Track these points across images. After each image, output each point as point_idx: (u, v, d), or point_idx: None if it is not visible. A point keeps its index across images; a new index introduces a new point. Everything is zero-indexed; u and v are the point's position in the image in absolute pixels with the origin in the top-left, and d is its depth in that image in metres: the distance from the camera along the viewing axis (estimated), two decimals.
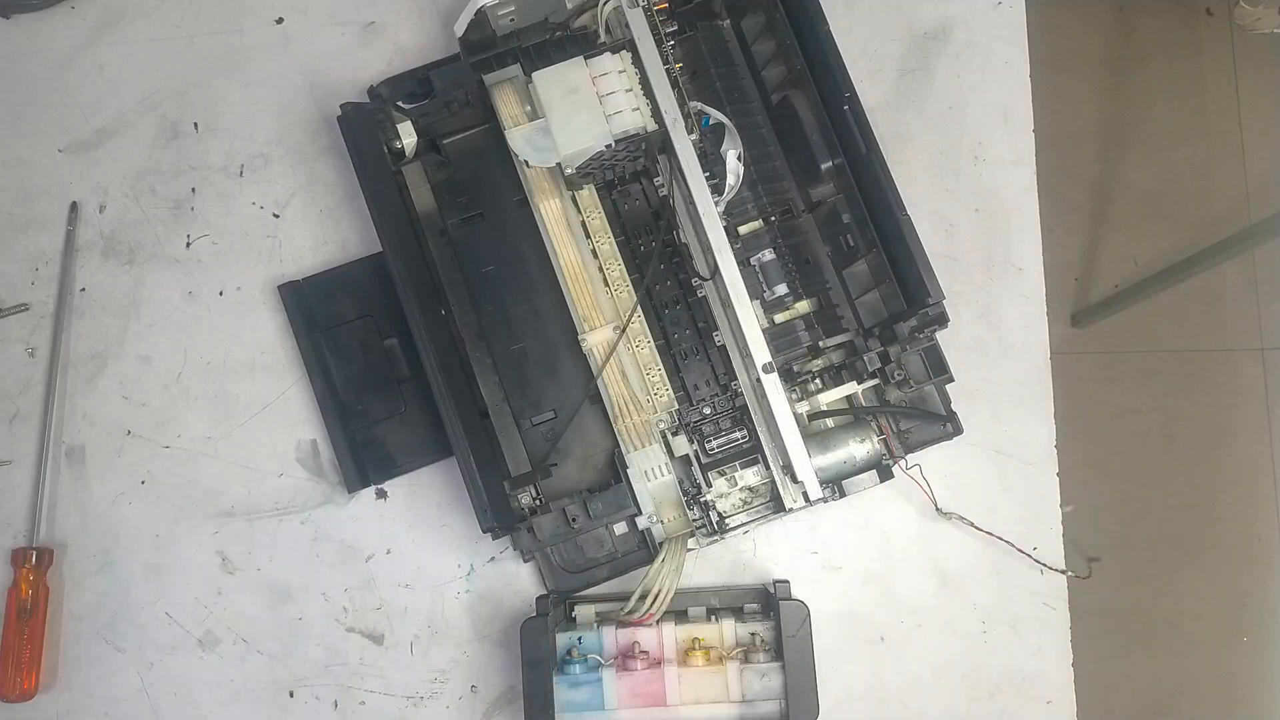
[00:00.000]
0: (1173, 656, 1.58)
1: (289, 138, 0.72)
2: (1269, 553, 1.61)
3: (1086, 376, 1.64)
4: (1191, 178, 1.70)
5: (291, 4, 0.73)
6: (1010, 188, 0.73)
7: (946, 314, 0.59)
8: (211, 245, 0.71)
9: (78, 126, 0.72)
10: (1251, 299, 1.67)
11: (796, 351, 0.63)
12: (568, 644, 0.61)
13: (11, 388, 0.69)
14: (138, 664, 0.67)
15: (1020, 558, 0.68)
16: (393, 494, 0.68)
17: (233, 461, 0.68)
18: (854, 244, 0.63)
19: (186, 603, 0.67)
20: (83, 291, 0.70)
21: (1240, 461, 1.63)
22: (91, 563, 0.67)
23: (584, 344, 0.64)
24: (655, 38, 0.59)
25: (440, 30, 0.73)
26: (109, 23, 0.73)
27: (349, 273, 0.69)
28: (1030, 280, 0.72)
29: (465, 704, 0.67)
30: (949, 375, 0.64)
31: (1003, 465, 0.70)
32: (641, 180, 0.67)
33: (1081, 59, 1.72)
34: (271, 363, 0.69)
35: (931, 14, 0.75)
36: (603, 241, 0.65)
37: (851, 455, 0.63)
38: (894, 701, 0.67)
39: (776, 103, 0.67)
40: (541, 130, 0.60)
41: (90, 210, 0.71)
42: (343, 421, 0.67)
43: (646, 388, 0.64)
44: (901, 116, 0.74)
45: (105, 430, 0.68)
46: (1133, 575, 1.58)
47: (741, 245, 0.65)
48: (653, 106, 0.59)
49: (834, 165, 0.63)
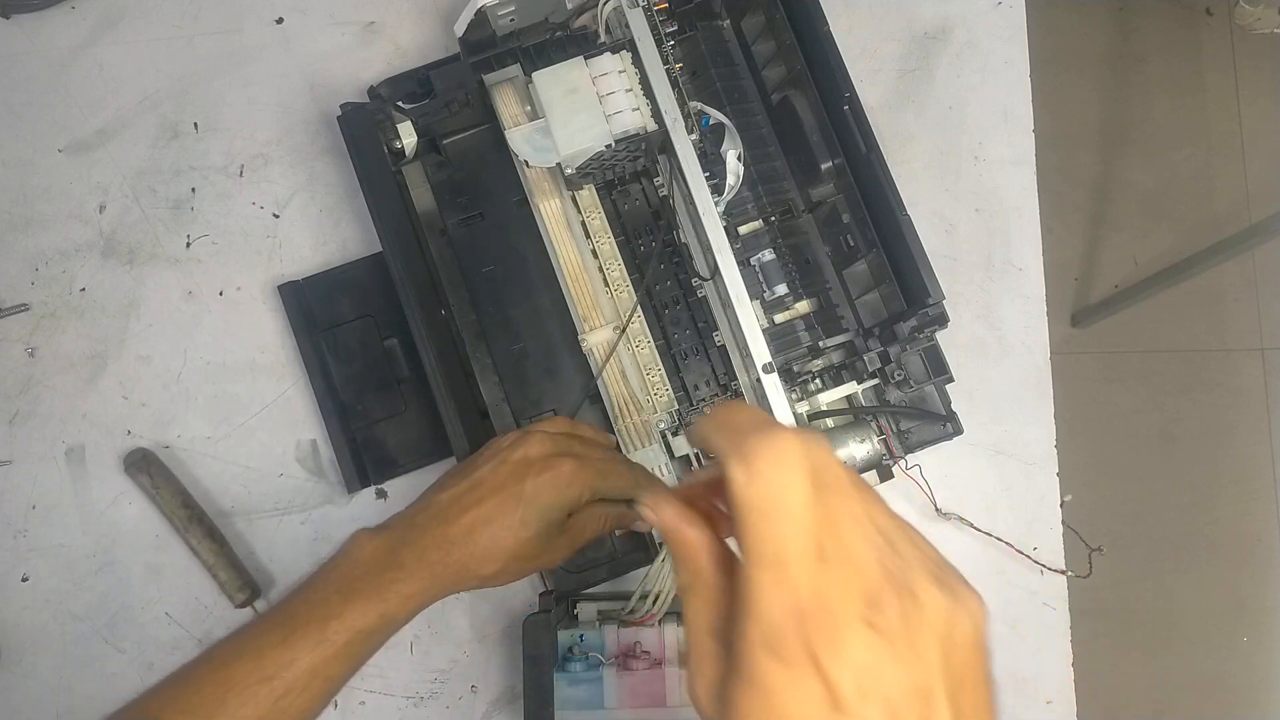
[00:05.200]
0: (1173, 656, 1.58)
1: (289, 138, 0.72)
2: (1269, 553, 1.61)
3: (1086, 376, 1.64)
4: (1191, 178, 1.70)
5: (291, 4, 0.73)
6: (1010, 188, 0.73)
7: (946, 314, 0.59)
8: (211, 245, 0.71)
9: (78, 126, 0.72)
10: (1251, 299, 1.67)
11: (796, 351, 0.63)
12: (569, 641, 0.61)
13: (11, 388, 0.69)
14: (138, 664, 0.67)
15: (1020, 558, 0.68)
16: (393, 494, 0.69)
17: (233, 461, 0.68)
18: (854, 244, 0.63)
19: (186, 603, 0.67)
20: (83, 291, 0.70)
21: (1240, 461, 1.63)
22: (91, 563, 0.67)
23: (584, 344, 0.64)
24: (655, 38, 0.59)
25: (440, 30, 0.73)
26: (109, 23, 0.73)
27: (349, 273, 0.69)
28: (1030, 280, 0.72)
29: (465, 704, 0.67)
30: (949, 375, 0.64)
31: (1003, 465, 0.70)
32: (641, 180, 0.67)
33: (1081, 59, 1.72)
34: (271, 363, 0.69)
35: (931, 14, 0.75)
36: (603, 241, 0.65)
37: (851, 455, 0.63)
38: None
39: (776, 103, 0.67)
40: (541, 130, 0.60)
41: (90, 210, 0.71)
42: (343, 421, 0.67)
43: (646, 388, 0.64)
44: (901, 116, 0.74)
45: (105, 430, 0.68)
46: (1133, 575, 1.58)
47: (741, 245, 0.65)
48: (653, 106, 0.59)
49: (834, 165, 0.63)
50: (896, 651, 0.27)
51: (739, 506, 0.28)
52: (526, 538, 0.51)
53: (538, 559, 0.53)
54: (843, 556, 0.27)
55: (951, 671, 0.28)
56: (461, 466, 0.57)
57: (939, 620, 0.28)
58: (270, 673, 0.45)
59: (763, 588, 0.27)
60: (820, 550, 0.27)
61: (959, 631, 0.28)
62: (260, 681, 0.45)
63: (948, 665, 0.28)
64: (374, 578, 0.49)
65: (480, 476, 0.53)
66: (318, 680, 0.46)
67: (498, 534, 0.51)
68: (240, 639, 0.47)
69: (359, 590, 0.48)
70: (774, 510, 0.27)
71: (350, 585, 0.49)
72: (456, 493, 0.53)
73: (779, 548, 0.27)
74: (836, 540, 0.28)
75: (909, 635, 0.27)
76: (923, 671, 0.27)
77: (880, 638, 0.27)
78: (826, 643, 0.26)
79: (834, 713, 0.26)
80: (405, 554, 0.50)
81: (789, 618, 0.26)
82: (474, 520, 0.51)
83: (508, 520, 0.51)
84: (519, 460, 0.53)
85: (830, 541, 0.27)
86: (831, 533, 0.28)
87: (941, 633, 0.28)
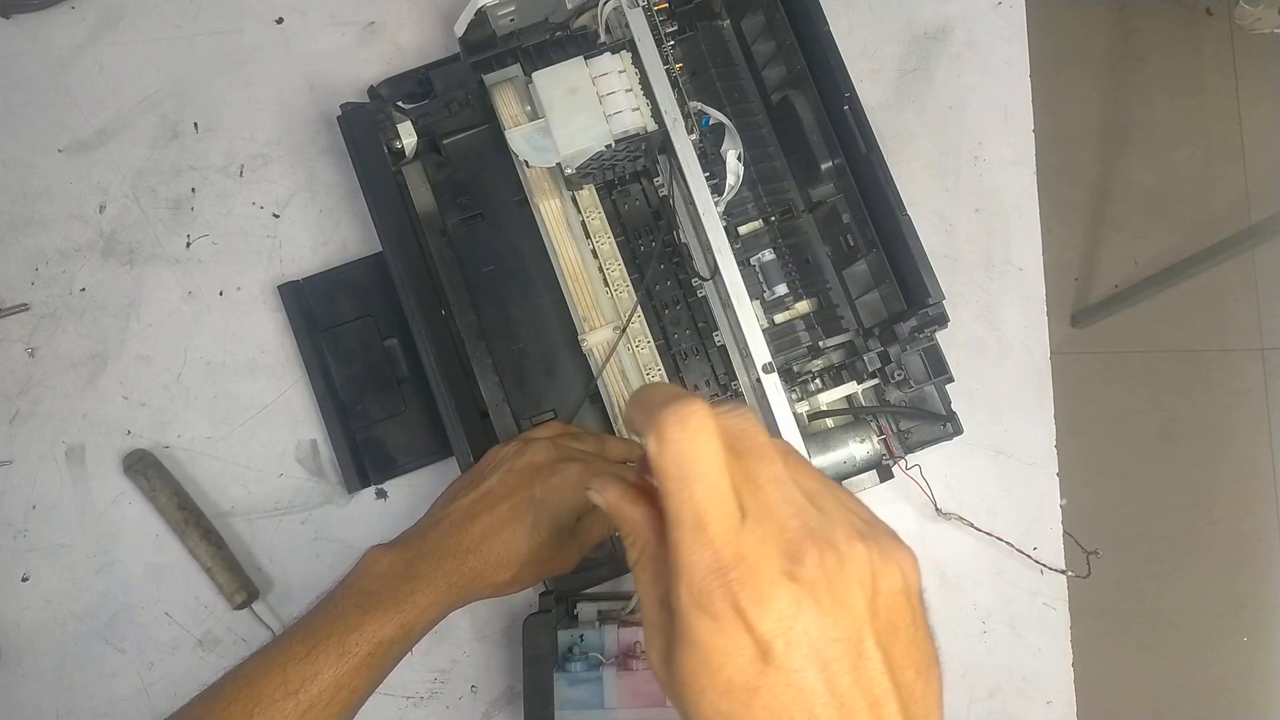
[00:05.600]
0: (1172, 656, 1.58)
1: (289, 138, 0.72)
2: (1269, 553, 1.61)
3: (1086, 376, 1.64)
4: (1191, 178, 1.70)
5: (291, 4, 0.73)
6: (1010, 188, 0.73)
7: (946, 314, 0.59)
8: (211, 245, 0.71)
9: (78, 126, 0.72)
10: (1251, 299, 1.67)
11: (796, 351, 0.63)
12: (569, 641, 0.61)
13: (11, 388, 0.69)
14: (138, 664, 0.67)
15: (1020, 558, 0.68)
16: (393, 494, 0.69)
17: (232, 461, 0.68)
18: (854, 244, 0.63)
19: (186, 603, 0.67)
20: (83, 291, 0.70)
21: (1240, 461, 1.63)
22: (91, 563, 0.67)
23: (584, 344, 0.64)
24: (655, 38, 0.59)
25: (440, 30, 0.73)
26: (109, 23, 0.73)
27: (349, 273, 0.69)
28: (1030, 280, 0.72)
29: (465, 704, 0.67)
30: (949, 375, 0.64)
31: (1003, 465, 0.70)
32: (641, 180, 0.67)
33: (1081, 59, 1.72)
34: (271, 363, 0.69)
35: (931, 14, 0.75)
36: (603, 241, 0.65)
37: (851, 455, 0.63)
38: None
39: (776, 103, 0.67)
40: (541, 130, 0.60)
41: (90, 210, 0.71)
42: (343, 421, 0.67)
43: None
44: (901, 116, 0.74)
45: (105, 430, 0.68)
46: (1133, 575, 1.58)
47: (741, 245, 0.65)
48: (653, 106, 0.59)
49: (834, 165, 0.63)
50: (820, 602, 0.28)
51: (657, 475, 0.29)
52: (539, 543, 0.52)
53: (550, 564, 0.54)
54: (763, 514, 0.29)
55: (880, 621, 0.29)
56: (467, 477, 0.57)
57: (862, 571, 0.29)
58: (295, 687, 0.46)
59: (687, 548, 0.28)
60: (742, 510, 0.28)
61: (885, 582, 0.29)
62: (286, 696, 0.46)
63: (875, 615, 0.29)
64: (390, 590, 0.50)
65: (489, 486, 0.54)
66: (342, 693, 0.47)
67: (510, 540, 0.52)
68: (266, 655, 0.48)
69: (376, 603, 0.49)
70: (687, 474, 0.28)
71: (367, 599, 0.49)
72: (467, 503, 0.53)
73: (696, 509, 0.28)
74: (758, 500, 0.29)
75: (832, 587, 0.28)
76: (849, 621, 0.28)
77: (803, 589, 0.27)
78: (751, 597, 0.27)
79: (764, 664, 0.27)
80: (420, 566, 0.51)
81: (712, 575, 0.27)
82: (486, 528, 0.52)
83: (520, 526, 0.52)
84: (526, 467, 0.54)
85: (751, 501, 0.29)
86: (753, 493, 0.29)
87: (866, 583, 0.29)
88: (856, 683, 0.28)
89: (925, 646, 0.30)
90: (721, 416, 0.29)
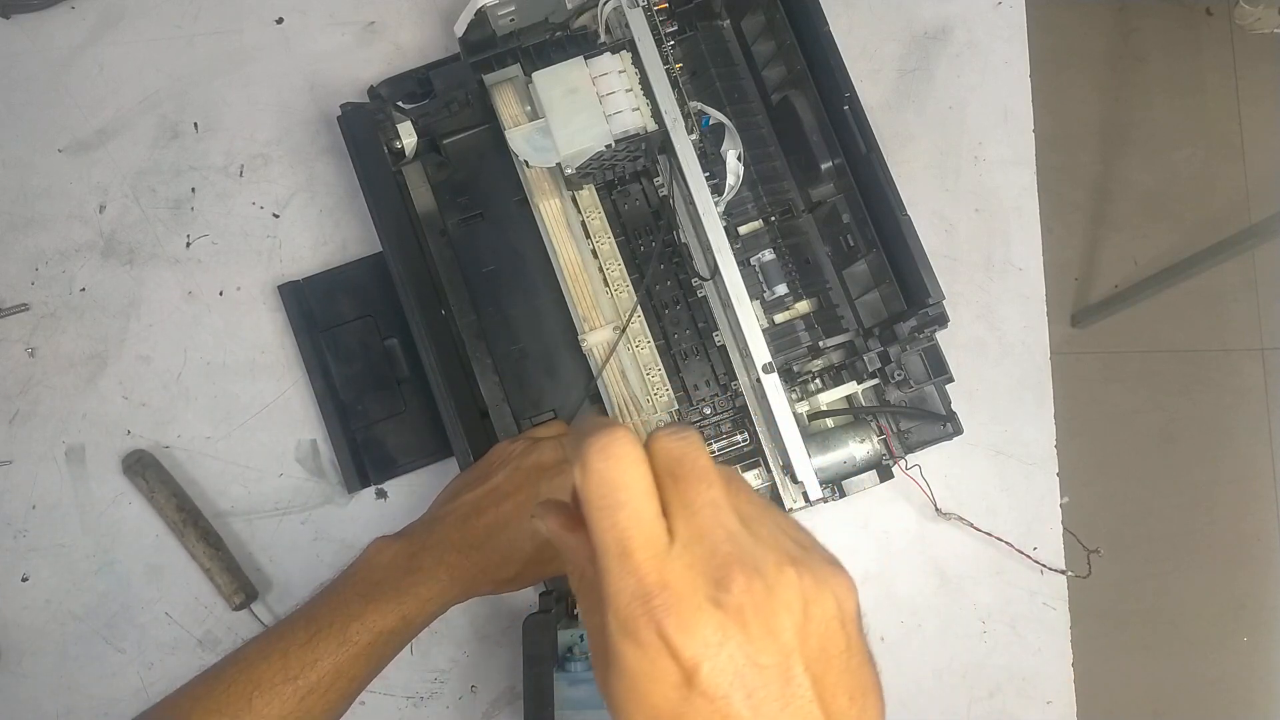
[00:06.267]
0: (1173, 656, 1.58)
1: (289, 138, 0.72)
2: (1269, 553, 1.61)
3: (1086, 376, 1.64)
4: (1191, 178, 1.70)
5: (291, 4, 0.73)
6: (1010, 188, 0.73)
7: (946, 314, 0.59)
8: (211, 245, 0.71)
9: (78, 126, 0.72)
10: (1251, 299, 1.67)
11: (796, 351, 0.63)
12: (569, 641, 0.61)
13: (11, 388, 0.69)
14: (138, 664, 0.67)
15: (1020, 558, 0.68)
16: (393, 494, 0.69)
17: (232, 461, 0.68)
18: (854, 244, 0.63)
19: (186, 602, 0.67)
20: (83, 291, 0.70)
21: (1240, 461, 1.63)
22: (91, 563, 0.67)
23: (584, 344, 0.64)
24: (655, 38, 0.59)
25: (440, 30, 0.73)
26: (109, 23, 0.73)
27: (349, 273, 0.69)
28: (1030, 280, 0.72)
29: (465, 704, 0.67)
30: (949, 375, 0.64)
31: (1003, 465, 0.70)
32: (641, 180, 0.67)
33: (1081, 59, 1.72)
34: (271, 363, 0.69)
35: (931, 14, 0.75)
36: (603, 241, 0.65)
37: (851, 455, 0.63)
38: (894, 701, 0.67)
39: (776, 103, 0.67)
40: (541, 130, 0.60)
41: (90, 210, 0.71)
42: (343, 421, 0.67)
43: (646, 388, 0.64)
44: (901, 116, 0.74)
45: (105, 430, 0.68)
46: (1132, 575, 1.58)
47: (741, 245, 0.65)
48: (653, 106, 0.59)
49: (834, 165, 0.63)
50: (746, 628, 0.27)
51: (582, 504, 0.29)
52: (542, 542, 0.52)
53: (552, 563, 0.54)
54: (693, 540, 0.28)
55: (811, 647, 0.28)
56: (472, 473, 0.57)
57: (791, 597, 0.28)
58: (295, 673, 0.47)
59: (612, 575, 0.28)
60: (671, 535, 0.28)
61: (817, 608, 0.29)
62: (286, 681, 0.46)
63: (805, 641, 0.28)
64: (393, 581, 0.50)
65: (496, 482, 0.54)
66: (341, 680, 0.48)
67: (515, 538, 0.52)
68: (267, 640, 0.48)
69: (379, 593, 0.50)
70: (610, 503, 0.28)
71: (370, 589, 0.50)
72: (473, 498, 0.54)
73: (620, 536, 0.28)
74: (690, 525, 0.28)
75: (759, 612, 0.27)
76: (776, 647, 0.28)
77: (729, 615, 0.27)
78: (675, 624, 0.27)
79: (689, 690, 0.27)
80: (424, 558, 0.51)
81: (637, 601, 0.27)
82: (491, 524, 0.52)
83: (524, 524, 0.52)
84: (533, 465, 0.55)
85: (683, 527, 0.28)
86: (686, 519, 0.29)
87: (795, 609, 0.28)
88: (784, 710, 0.27)
89: (861, 673, 0.30)
90: (660, 439, 0.29)
